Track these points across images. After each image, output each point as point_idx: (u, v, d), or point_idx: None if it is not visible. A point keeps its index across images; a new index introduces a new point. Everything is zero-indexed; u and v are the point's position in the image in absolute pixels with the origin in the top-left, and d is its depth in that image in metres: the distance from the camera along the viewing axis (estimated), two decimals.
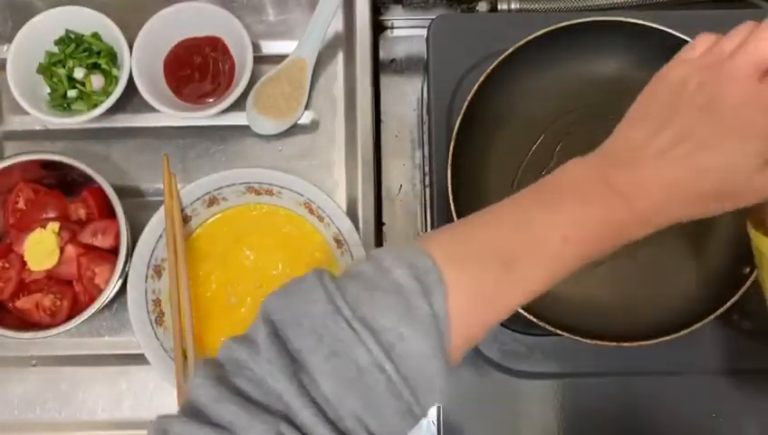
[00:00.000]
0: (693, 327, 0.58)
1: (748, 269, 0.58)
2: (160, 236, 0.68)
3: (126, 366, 0.71)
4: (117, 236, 0.66)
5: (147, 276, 0.67)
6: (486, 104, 0.62)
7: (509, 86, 0.64)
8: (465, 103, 0.60)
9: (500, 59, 0.61)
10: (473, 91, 0.61)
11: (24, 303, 0.67)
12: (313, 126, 0.76)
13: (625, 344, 0.58)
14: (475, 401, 0.65)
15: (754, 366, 0.66)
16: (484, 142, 0.64)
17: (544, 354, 0.66)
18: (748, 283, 0.58)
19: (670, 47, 0.62)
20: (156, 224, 0.67)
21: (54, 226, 0.67)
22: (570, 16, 0.63)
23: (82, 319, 0.65)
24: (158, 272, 0.68)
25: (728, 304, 0.58)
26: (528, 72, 0.64)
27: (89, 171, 0.66)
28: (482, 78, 0.61)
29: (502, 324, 0.64)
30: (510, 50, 0.61)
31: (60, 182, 0.71)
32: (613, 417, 0.65)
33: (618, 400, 0.65)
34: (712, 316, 0.58)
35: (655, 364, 0.65)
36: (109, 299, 0.66)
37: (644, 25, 0.62)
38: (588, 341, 0.58)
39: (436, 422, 0.66)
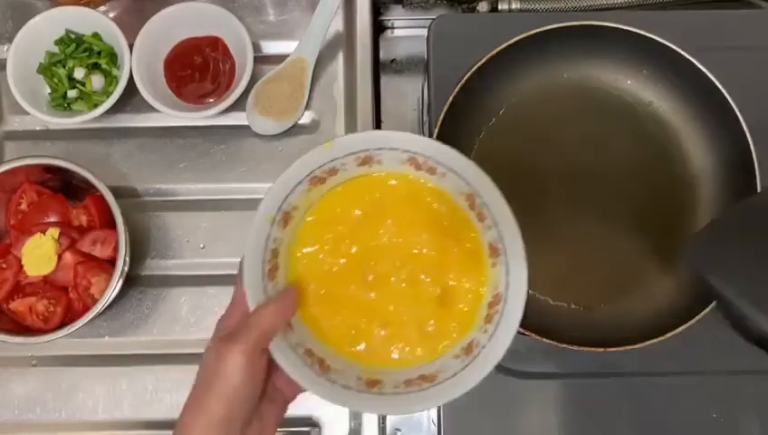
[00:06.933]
0: (678, 329, 0.58)
1: None
2: (300, 183, 0.56)
3: (126, 366, 0.71)
4: (116, 248, 0.66)
5: (274, 221, 0.55)
6: (474, 101, 0.63)
7: (498, 83, 0.64)
8: (449, 100, 0.61)
9: (485, 59, 0.62)
10: (457, 87, 0.61)
11: (18, 305, 0.67)
12: (314, 126, 0.76)
13: (611, 349, 0.58)
14: (475, 401, 0.65)
15: (754, 366, 0.66)
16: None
17: (544, 354, 0.66)
18: None
19: (659, 57, 0.63)
20: (300, 167, 0.55)
21: (54, 232, 0.67)
22: (570, 17, 0.63)
23: (74, 328, 0.64)
24: (285, 220, 0.56)
25: (712, 304, 0.58)
26: (517, 71, 0.65)
27: (92, 180, 0.66)
28: (469, 73, 0.62)
29: None
30: (497, 49, 0.62)
31: (64, 185, 0.70)
32: (613, 417, 0.65)
33: (617, 400, 0.65)
34: (696, 317, 0.58)
35: (655, 365, 0.65)
36: (102, 309, 0.65)
37: (635, 33, 0.63)
38: (574, 347, 0.58)
39: (436, 422, 0.66)
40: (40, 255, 0.67)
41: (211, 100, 0.74)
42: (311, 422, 0.70)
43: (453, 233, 0.56)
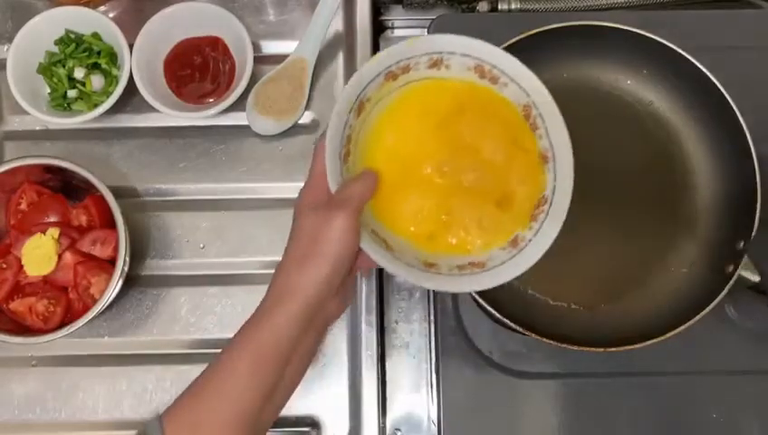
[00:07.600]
0: (678, 329, 0.58)
1: (731, 267, 0.58)
2: (378, 75, 0.58)
3: (126, 366, 0.71)
4: (116, 248, 0.66)
5: (352, 108, 0.58)
6: None
7: None
8: None
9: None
10: None
11: (17, 305, 0.67)
12: (314, 126, 0.76)
13: (611, 350, 0.58)
14: (475, 401, 0.65)
15: (754, 366, 0.66)
16: None
17: (544, 354, 0.66)
18: (731, 282, 0.58)
19: (659, 57, 0.63)
20: (383, 58, 0.58)
21: (54, 232, 0.67)
22: (570, 17, 0.63)
23: (74, 328, 0.64)
24: (360, 107, 0.59)
25: (712, 304, 0.58)
26: None
27: (92, 180, 0.66)
28: None
29: (502, 325, 0.64)
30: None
31: (64, 185, 0.70)
32: (612, 417, 0.65)
33: (617, 400, 0.65)
34: (696, 317, 0.58)
35: (655, 365, 0.65)
36: (102, 309, 0.65)
37: (634, 33, 0.63)
38: (574, 347, 0.58)
39: (436, 422, 0.67)
40: (40, 255, 0.67)
41: (211, 100, 0.74)
42: (311, 422, 0.70)
43: (518, 141, 0.59)
